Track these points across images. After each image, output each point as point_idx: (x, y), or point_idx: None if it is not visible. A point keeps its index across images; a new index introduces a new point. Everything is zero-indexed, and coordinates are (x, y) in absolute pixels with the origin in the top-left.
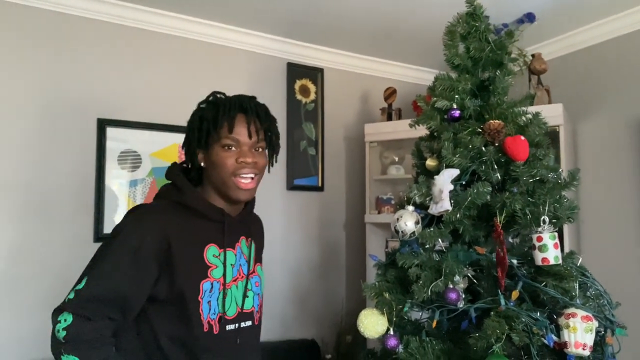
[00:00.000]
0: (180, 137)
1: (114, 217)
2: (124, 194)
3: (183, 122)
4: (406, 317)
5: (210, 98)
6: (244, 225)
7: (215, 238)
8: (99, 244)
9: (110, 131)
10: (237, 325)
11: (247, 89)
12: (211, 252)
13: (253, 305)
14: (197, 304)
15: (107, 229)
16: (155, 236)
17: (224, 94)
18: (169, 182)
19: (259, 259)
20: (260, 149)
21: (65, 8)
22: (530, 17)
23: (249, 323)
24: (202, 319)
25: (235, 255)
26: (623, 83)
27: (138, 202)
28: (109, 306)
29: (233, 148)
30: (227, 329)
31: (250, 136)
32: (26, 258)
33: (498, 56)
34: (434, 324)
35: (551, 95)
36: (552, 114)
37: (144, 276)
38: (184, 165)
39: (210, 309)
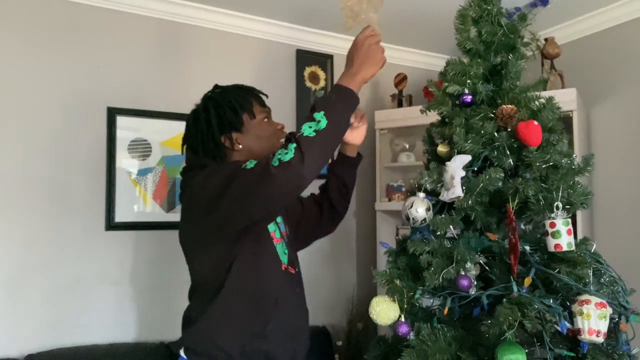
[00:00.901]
0: None
1: (125, 205)
2: (135, 182)
3: None
4: (417, 304)
5: (217, 90)
6: None
7: None
8: (110, 233)
9: (121, 120)
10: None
11: (257, 76)
12: None
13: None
14: (280, 262)
15: (119, 217)
16: None
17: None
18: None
19: (287, 223)
20: None
21: None
22: (543, 1)
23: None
24: (279, 257)
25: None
26: (637, 68)
27: (149, 191)
28: None
29: (266, 119)
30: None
31: (267, 107)
32: (39, 247)
33: (510, 40)
34: (446, 311)
35: (564, 80)
36: (565, 99)
37: None
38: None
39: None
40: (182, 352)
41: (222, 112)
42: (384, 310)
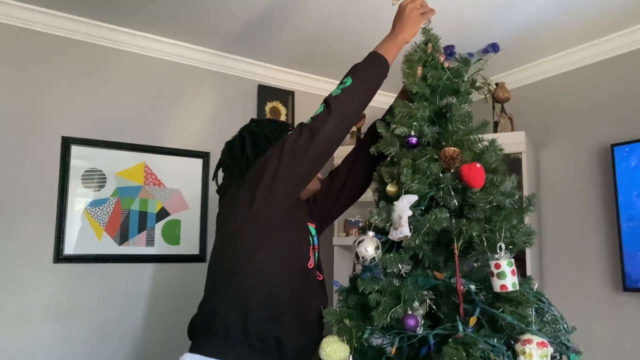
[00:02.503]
0: (148, 157)
1: (76, 237)
2: (87, 213)
3: (151, 141)
4: (366, 344)
5: (253, 123)
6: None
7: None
8: (59, 265)
9: (75, 149)
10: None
11: (218, 109)
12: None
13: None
14: (308, 259)
15: (68, 249)
16: None
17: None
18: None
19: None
20: None
21: (29, 24)
22: (494, 47)
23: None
24: (310, 253)
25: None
26: (583, 112)
27: (102, 223)
28: None
29: None
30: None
31: None
32: None
33: (455, 84)
34: (393, 351)
35: (514, 122)
36: (514, 141)
37: None
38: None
39: (314, 265)
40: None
41: (256, 140)
42: (334, 351)
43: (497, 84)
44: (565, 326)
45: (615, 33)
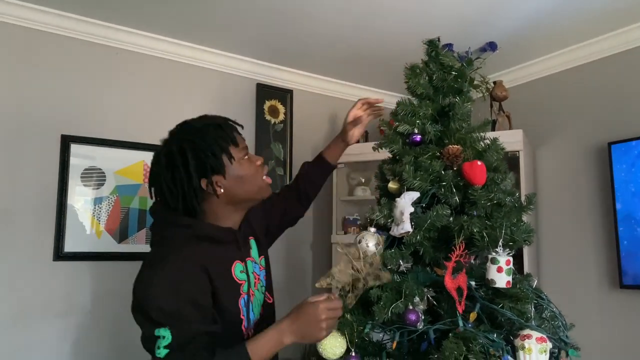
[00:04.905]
0: (147, 155)
1: (75, 235)
2: (87, 211)
3: (150, 139)
4: (367, 339)
5: (185, 126)
6: (247, 226)
7: (235, 255)
8: (58, 263)
9: (75, 148)
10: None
11: (217, 108)
12: (238, 269)
13: (266, 292)
14: (241, 321)
15: (68, 247)
16: (199, 274)
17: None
18: (160, 224)
19: (263, 251)
20: None
21: (29, 22)
22: (492, 46)
23: (268, 311)
24: (244, 334)
25: (252, 262)
26: (580, 111)
27: (101, 221)
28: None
29: (246, 157)
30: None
31: (244, 141)
32: None
33: (458, 84)
34: (394, 345)
35: (512, 121)
36: (512, 139)
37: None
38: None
39: (249, 322)
40: None
41: (201, 156)
42: (331, 345)
43: (494, 83)
44: (563, 322)
45: (611, 32)
